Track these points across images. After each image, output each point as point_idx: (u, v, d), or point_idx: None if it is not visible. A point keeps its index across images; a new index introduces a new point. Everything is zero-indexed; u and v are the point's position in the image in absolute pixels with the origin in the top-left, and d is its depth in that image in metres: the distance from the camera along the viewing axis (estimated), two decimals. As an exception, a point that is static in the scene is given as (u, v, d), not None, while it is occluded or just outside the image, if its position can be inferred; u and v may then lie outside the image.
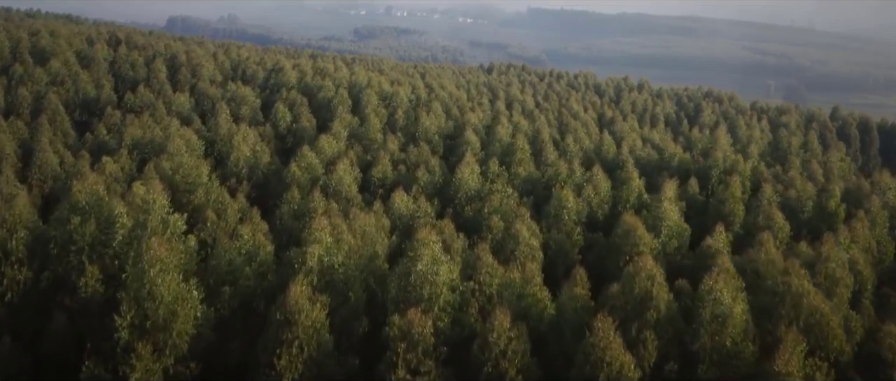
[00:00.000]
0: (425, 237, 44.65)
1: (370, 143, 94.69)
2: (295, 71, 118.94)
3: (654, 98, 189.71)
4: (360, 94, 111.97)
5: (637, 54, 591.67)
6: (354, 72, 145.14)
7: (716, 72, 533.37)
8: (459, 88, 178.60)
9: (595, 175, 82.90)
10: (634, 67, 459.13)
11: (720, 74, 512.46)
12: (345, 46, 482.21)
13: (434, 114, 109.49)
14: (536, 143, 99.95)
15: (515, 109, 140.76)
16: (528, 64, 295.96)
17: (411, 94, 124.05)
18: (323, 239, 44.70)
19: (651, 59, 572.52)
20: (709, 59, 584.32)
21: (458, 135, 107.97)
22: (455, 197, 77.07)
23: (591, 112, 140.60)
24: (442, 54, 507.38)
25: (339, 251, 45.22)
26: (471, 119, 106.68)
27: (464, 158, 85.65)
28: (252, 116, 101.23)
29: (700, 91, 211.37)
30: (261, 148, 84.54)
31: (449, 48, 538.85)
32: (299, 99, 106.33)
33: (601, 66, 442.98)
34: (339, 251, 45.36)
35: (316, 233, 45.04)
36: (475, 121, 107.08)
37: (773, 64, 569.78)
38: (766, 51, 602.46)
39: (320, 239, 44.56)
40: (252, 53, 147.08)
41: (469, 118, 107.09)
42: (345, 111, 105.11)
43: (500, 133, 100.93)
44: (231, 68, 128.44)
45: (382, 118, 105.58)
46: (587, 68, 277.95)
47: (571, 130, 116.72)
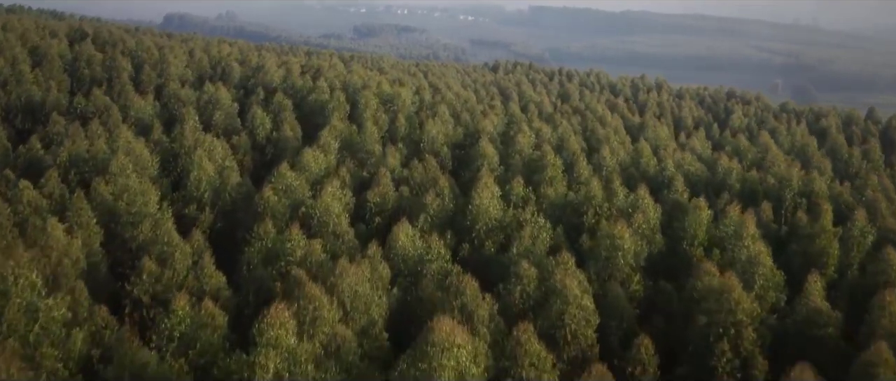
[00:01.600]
0: (444, 335, 27.71)
1: (367, 156, 77.57)
2: (281, 69, 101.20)
3: (676, 99, 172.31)
4: (356, 96, 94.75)
5: (641, 53, 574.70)
6: (352, 71, 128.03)
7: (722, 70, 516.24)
8: (466, 89, 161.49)
9: (642, 199, 65.85)
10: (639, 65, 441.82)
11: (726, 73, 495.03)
12: (344, 44, 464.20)
13: (441, 119, 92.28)
14: (563, 154, 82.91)
15: (531, 111, 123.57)
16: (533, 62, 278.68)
17: (414, 95, 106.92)
18: (281, 341, 27.60)
19: (655, 57, 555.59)
20: (714, 57, 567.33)
21: (469, 144, 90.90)
22: (472, 228, 60.02)
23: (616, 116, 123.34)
24: (443, 52, 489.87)
25: (304, 356, 28.10)
26: (485, 126, 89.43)
27: (480, 176, 68.59)
28: (226, 124, 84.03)
29: (721, 91, 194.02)
30: (230, 165, 67.35)
31: (450, 46, 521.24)
32: (283, 102, 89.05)
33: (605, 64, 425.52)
34: (306, 356, 28.25)
35: (271, 331, 27.91)
36: (490, 128, 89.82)
37: (780, 63, 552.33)
38: (772, 49, 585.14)
39: (277, 341, 27.48)
40: (237, 50, 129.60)
41: (483, 125, 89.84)
42: (339, 117, 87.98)
43: (521, 143, 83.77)
44: (210, 67, 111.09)
45: (382, 125, 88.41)
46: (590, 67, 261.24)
47: (601, 138, 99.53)
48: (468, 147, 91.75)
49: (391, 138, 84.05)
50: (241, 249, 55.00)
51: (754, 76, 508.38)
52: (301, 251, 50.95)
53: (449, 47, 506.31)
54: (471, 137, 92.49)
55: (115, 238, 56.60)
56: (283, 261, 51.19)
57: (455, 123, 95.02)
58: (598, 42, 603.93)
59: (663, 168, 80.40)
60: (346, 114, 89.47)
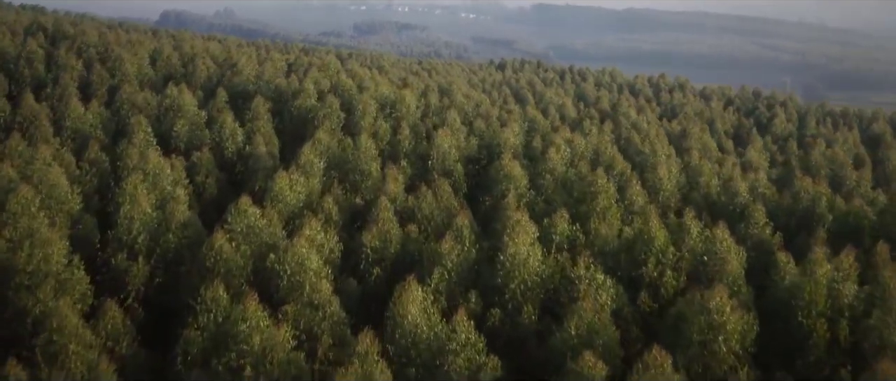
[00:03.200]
0: None
1: (361, 178, 60.21)
2: (262, 69, 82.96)
3: (703, 101, 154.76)
4: (351, 100, 77.31)
5: (646, 51, 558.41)
6: (348, 70, 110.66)
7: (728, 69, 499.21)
8: (474, 88, 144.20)
9: (721, 241, 48.47)
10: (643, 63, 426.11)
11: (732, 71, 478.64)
12: (344, 42, 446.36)
13: (452, 128, 74.79)
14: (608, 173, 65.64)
15: (552, 116, 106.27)
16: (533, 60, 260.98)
17: (420, 99, 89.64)
18: None
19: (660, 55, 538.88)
20: (720, 55, 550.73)
21: (487, 160, 73.68)
22: (504, 286, 42.80)
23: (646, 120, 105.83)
24: (445, 50, 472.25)
25: None
26: (506, 138, 71.82)
27: (508, 210, 51.42)
28: (190, 136, 66.60)
29: (746, 91, 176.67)
30: (177, 196, 49.91)
31: (452, 44, 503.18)
32: (260, 108, 71.53)
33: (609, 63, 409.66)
34: None
35: None
36: (512, 139, 72.24)
37: (787, 61, 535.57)
38: (778, 47, 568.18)
39: None
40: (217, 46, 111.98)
41: (503, 136, 72.24)
42: (330, 126, 70.61)
43: (554, 159, 66.34)
44: (182, 65, 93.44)
45: (382, 136, 71.03)
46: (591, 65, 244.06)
47: (642, 148, 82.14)
48: (485, 163, 74.57)
49: (392, 154, 66.66)
50: (184, 322, 37.86)
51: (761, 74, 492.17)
52: (260, 338, 33.76)
53: (451, 45, 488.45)
54: (488, 150, 75.12)
55: (7, 308, 39.60)
56: (234, 352, 34.06)
57: (468, 131, 77.63)
58: (602, 40, 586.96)
59: (732, 193, 62.95)
60: (339, 123, 72.02)
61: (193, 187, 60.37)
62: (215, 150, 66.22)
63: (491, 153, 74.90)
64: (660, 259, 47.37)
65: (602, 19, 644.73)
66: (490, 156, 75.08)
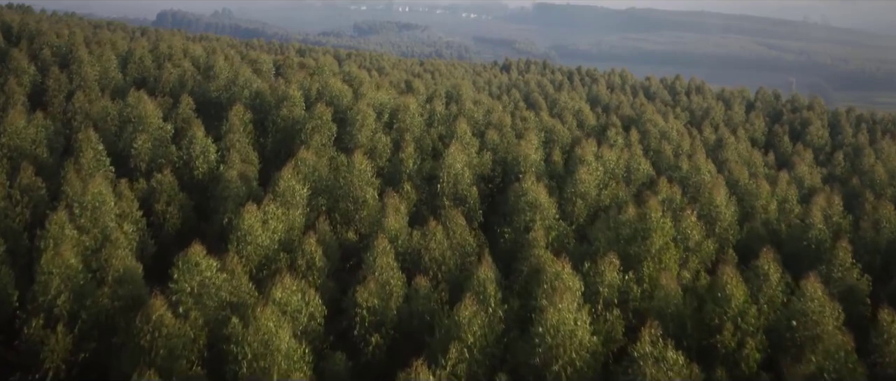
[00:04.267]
0: None
1: (355, 206, 49.01)
2: (243, 70, 71.07)
3: (723, 104, 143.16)
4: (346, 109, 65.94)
5: (648, 50, 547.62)
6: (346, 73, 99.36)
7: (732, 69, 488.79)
8: (480, 91, 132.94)
9: (813, 298, 37.21)
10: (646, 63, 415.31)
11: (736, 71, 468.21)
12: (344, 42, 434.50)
13: (462, 141, 63.46)
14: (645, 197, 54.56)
15: (569, 122, 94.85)
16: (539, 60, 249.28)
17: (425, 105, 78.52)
18: None
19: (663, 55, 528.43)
20: (723, 55, 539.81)
21: (501, 176, 62.61)
22: (543, 372, 31.65)
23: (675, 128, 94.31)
24: (446, 50, 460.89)
25: None
26: (525, 153, 60.34)
27: (541, 260, 40.24)
28: (152, 154, 55.23)
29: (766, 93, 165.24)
30: (116, 239, 38.60)
31: (453, 44, 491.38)
32: (239, 119, 60.14)
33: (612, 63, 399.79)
34: None
35: None
36: (532, 155, 60.74)
37: (792, 61, 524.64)
38: (783, 47, 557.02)
39: None
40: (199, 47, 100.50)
41: (522, 151, 60.75)
42: (321, 140, 59.30)
43: (584, 180, 55.09)
44: (157, 68, 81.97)
45: (381, 152, 59.85)
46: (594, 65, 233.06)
47: (679, 166, 70.81)
48: (501, 182, 63.47)
49: (394, 175, 55.36)
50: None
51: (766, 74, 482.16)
52: None
53: (452, 45, 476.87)
54: (503, 166, 63.99)
55: None
56: None
57: (480, 144, 66.31)
58: (604, 39, 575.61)
59: (805, 225, 51.58)
60: (330, 136, 60.63)
61: (153, 219, 49.32)
62: (183, 170, 55.03)
63: (507, 170, 63.79)
64: (738, 324, 36.23)
65: (604, 19, 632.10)
66: (505, 173, 64.02)
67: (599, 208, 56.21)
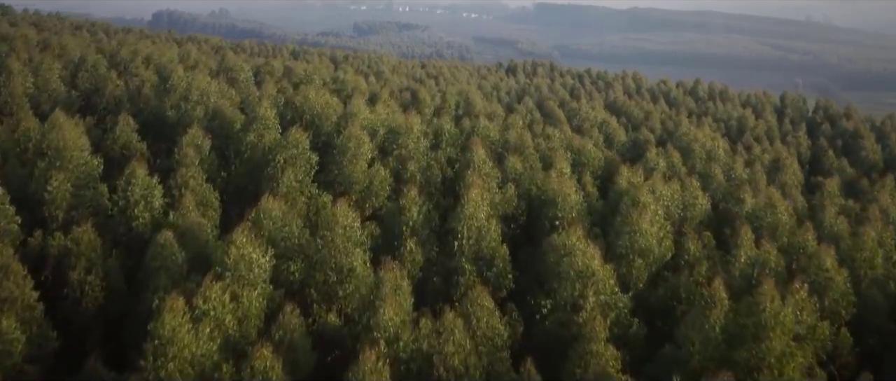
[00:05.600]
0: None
1: (339, 280, 34.99)
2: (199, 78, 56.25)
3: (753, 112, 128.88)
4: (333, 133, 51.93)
5: (651, 50, 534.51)
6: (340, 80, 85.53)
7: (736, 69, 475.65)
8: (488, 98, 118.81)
9: None
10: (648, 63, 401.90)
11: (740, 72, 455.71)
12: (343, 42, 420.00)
13: (480, 172, 49.37)
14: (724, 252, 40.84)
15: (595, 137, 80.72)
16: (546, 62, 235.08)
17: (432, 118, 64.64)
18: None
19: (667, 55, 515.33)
20: (727, 55, 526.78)
21: (530, 217, 48.89)
22: None
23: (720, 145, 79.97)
24: (447, 51, 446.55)
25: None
26: (564, 194, 46.10)
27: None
28: (73, 200, 41.19)
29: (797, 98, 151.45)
30: None
31: (454, 44, 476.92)
32: (196, 149, 46.09)
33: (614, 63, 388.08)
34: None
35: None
36: (571, 196, 46.45)
37: (797, 61, 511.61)
38: (787, 47, 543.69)
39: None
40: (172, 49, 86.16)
41: (559, 189, 46.55)
42: (298, 176, 45.20)
43: (645, 232, 41.06)
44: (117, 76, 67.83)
45: (378, 192, 45.89)
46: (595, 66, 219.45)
47: (736, 198, 56.75)
48: (525, 221, 49.65)
49: (391, 227, 41.22)
50: None
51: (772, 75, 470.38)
52: None
53: (453, 45, 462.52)
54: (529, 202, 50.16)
55: None
56: None
57: (501, 176, 52.16)
58: (606, 39, 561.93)
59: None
60: (309, 170, 46.47)
61: (68, 292, 35.44)
62: (117, 221, 40.95)
63: (533, 206, 49.93)
64: None
65: (605, 19, 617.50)
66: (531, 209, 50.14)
67: (664, 267, 42.31)
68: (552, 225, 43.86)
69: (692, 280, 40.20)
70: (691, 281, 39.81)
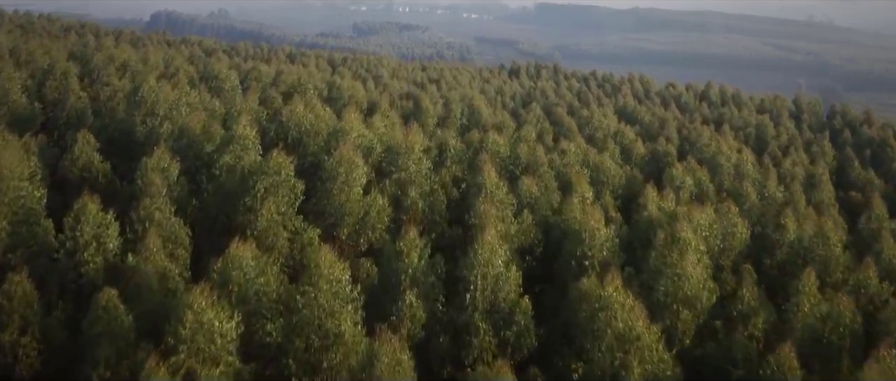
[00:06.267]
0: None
1: (318, 344, 28.07)
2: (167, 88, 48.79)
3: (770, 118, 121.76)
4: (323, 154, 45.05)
5: (653, 51, 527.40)
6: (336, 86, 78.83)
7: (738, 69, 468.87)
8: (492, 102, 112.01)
9: None
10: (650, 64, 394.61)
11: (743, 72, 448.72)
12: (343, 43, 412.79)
13: (491, 197, 42.50)
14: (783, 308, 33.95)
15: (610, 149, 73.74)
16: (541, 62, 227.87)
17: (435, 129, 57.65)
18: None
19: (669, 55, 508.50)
20: (729, 55, 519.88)
21: (547, 249, 42.09)
22: None
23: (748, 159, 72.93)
24: (448, 51, 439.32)
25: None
26: (592, 227, 39.18)
27: None
28: (13, 235, 34.34)
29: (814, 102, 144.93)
30: None
31: (454, 45, 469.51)
32: (162, 175, 39.23)
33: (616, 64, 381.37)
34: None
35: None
36: (601, 231, 39.47)
37: (800, 61, 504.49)
38: (790, 47, 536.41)
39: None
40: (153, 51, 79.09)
41: (585, 223, 39.60)
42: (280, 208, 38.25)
43: (689, 277, 34.14)
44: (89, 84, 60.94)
45: (374, 223, 38.98)
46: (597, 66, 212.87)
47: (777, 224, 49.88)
48: (542, 253, 42.92)
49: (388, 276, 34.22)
50: None
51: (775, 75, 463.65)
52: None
53: (453, 46, 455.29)
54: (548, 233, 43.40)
55: None
56: None
57: (516, 201, 45.23)
58: (607, 39, 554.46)
59: None
60: (292, 200, 39.48)
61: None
62: (64, 266, 34.05)
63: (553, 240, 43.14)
64: None
65: (606, 19, 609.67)
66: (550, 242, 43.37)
67: (710, 315, 35.41)
68: (580, 264, 37.01)
69: (747, 335, 33.39)
70: (747, 337, 32.98)
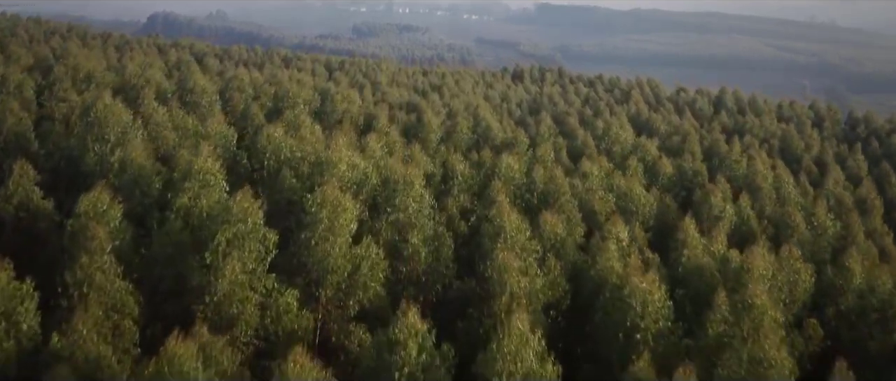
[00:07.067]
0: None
1: None
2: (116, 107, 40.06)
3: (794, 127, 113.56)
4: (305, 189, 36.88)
5: (654, 52, 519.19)
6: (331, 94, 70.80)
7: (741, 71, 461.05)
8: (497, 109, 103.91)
9: None
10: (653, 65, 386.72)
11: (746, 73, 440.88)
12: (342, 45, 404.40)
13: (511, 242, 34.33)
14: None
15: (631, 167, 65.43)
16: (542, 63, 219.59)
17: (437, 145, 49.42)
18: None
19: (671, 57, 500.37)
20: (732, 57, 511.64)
21: (576, 302, 33.98)
22: None
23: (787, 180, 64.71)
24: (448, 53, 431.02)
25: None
26: (643, 291, 31.06)
27: None
28: None
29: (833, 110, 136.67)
30: None
31: (455, 46, 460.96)
32: (105, 215, 31.01)
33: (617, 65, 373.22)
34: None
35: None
36: (655, 295, 31.42)
37: (803, 63, 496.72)
38: (793, 48, 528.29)
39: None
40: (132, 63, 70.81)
41: (635, 285, 31.53)
42: (249, 263, 30.12)
43: (776, 361, 25.97)
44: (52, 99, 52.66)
45: (367, 279, 30.76)
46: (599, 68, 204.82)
47: (840, 266, 41.75)
48: (569, 308, 34.92)
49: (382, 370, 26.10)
50: None
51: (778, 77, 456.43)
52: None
53: (454, 47, 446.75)
54: (576, 281, 35.31)
55: None
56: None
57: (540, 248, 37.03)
58: (609, 41, 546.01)
59: None
60: (262, 255, 31.22)
61: None
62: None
63: (584, 292, 34.99)
64: None
65: (607, 20, 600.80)
66: (579, 294, 35.28)
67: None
68: (627, 337, 28.78)
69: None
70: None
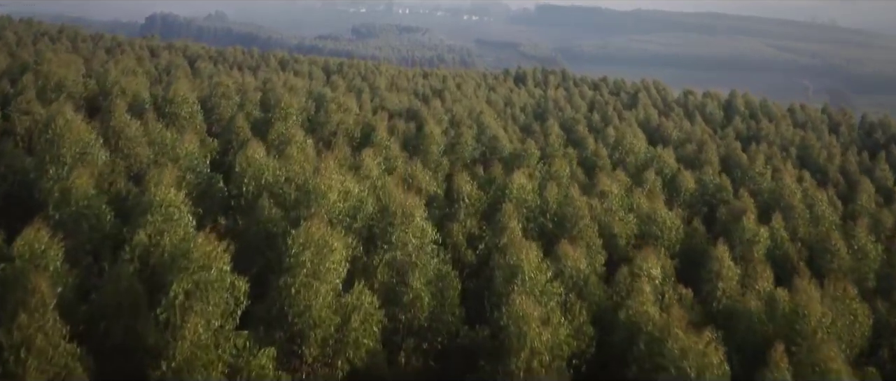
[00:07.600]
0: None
1: None
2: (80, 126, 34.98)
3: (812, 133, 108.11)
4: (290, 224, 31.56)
5: (656, 53, 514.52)
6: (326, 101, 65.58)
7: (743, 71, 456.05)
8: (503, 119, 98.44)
9: None
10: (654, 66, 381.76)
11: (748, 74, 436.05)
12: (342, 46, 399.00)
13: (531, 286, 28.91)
14: None
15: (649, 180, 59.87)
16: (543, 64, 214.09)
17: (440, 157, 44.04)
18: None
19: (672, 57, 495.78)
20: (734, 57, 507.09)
21: (601, 353, 28.51)
22: None
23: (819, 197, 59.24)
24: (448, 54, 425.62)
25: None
26: (690, 349, 25.78)
27: None
28: None
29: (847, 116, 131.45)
30: None
31: (455, 47, 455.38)
32: (44, 256, 25.78)
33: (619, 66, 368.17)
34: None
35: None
36: (711, 361, 26.07)
37: (805, 63, 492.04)
38: (794, 49, 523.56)
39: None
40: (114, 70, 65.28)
41: (678, 339, 26.26)
42: (218, 319, 24.76)
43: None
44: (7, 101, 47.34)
45: (359, 336, 25.42)
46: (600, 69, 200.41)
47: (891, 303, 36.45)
48: (594, 358, 29.34)
49: None
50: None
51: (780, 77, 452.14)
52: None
53: (454, 48, 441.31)
54: (601, 329, 29.90)
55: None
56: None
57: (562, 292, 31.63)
58: (610, 41, 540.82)
59: None
60: (232, 308, 25.82)
61: None
62: None
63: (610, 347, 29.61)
64: None
65: (609, 20, 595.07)
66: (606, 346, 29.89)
67: None
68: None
69: None
70: None
